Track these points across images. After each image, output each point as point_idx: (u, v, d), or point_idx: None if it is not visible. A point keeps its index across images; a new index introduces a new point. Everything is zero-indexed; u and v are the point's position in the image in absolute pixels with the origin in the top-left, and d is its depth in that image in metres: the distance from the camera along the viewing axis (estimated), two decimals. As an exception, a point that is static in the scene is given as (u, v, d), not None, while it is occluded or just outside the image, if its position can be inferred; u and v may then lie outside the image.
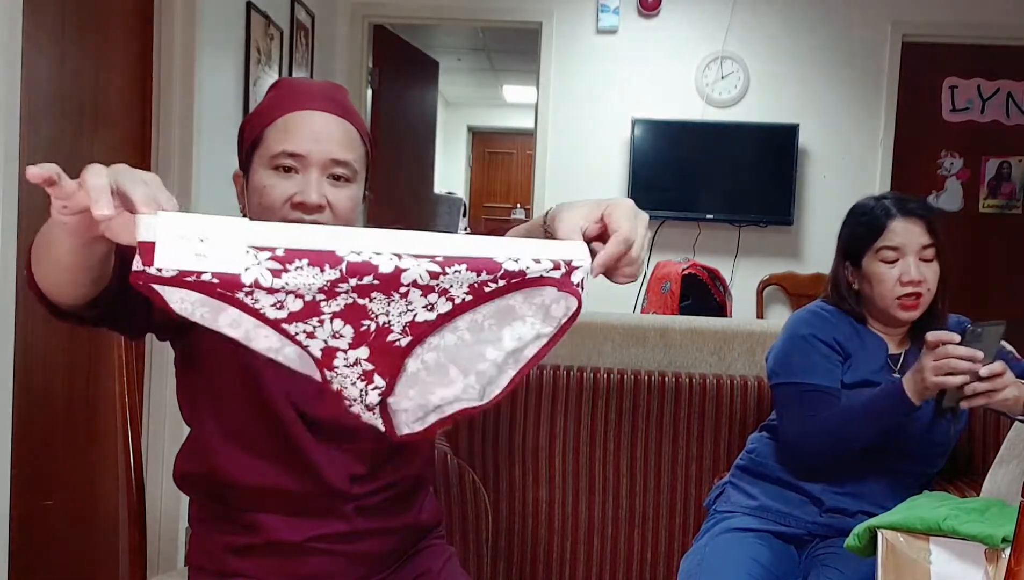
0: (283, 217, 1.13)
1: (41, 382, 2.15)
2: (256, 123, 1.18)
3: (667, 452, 2.00)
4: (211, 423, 1.20)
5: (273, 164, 1.15)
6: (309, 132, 1.15)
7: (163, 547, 2.65)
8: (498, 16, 4.64)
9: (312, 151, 1.14)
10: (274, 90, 1.22)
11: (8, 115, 1.86)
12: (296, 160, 1.14)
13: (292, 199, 1.13)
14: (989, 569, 1.16)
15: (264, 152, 1.16)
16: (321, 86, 1.23)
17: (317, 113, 1.16)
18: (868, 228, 1.65)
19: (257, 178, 1.16)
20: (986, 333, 1.45)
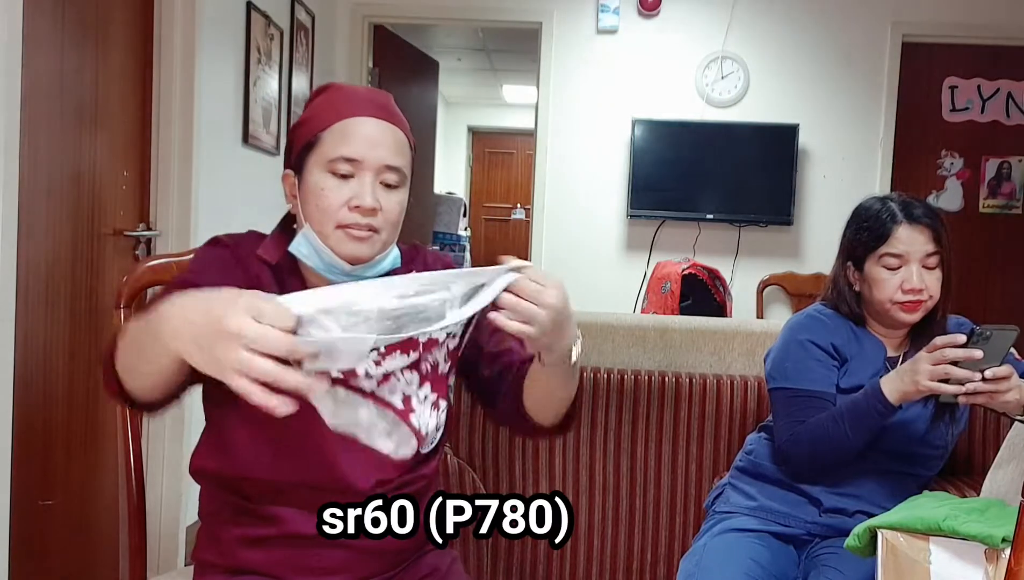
0: (339, 220, 1.19)
1: (41, 382, 2.15)
2: (312, 126, 1.22)
3: (667, 452, 2.00)
4: (235, 419, 1.20)
5: (330, 168, 1.19)
6: (365, 138, 1.20)
7: (163, 547, 2.65)
8: (498, 16, 4.64)
9: (367, 156, 1.19)
10: (325, 94, 1.25)
11: (8, 115, 1.86)
12: (352, 165, 1.19)
13: (349, 202, 1.19)
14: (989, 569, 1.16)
15: (321, 155, 1.20)
16: (372, 93, 1.28)
17: (372, 120, 1.21)
18: (872, 233, 1.64)
19: (313, 180, 1.20)
20: (995, 337, 1.42)
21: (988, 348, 1.42)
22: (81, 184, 2.29)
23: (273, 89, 3.46)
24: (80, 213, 2.29)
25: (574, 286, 1.51)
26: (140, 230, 2.57)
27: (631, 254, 4.56)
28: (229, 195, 3.04)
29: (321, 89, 1.28)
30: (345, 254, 1.20)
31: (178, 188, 2.66)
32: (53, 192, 2.16)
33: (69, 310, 2.25)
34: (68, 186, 2.23)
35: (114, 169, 2.45)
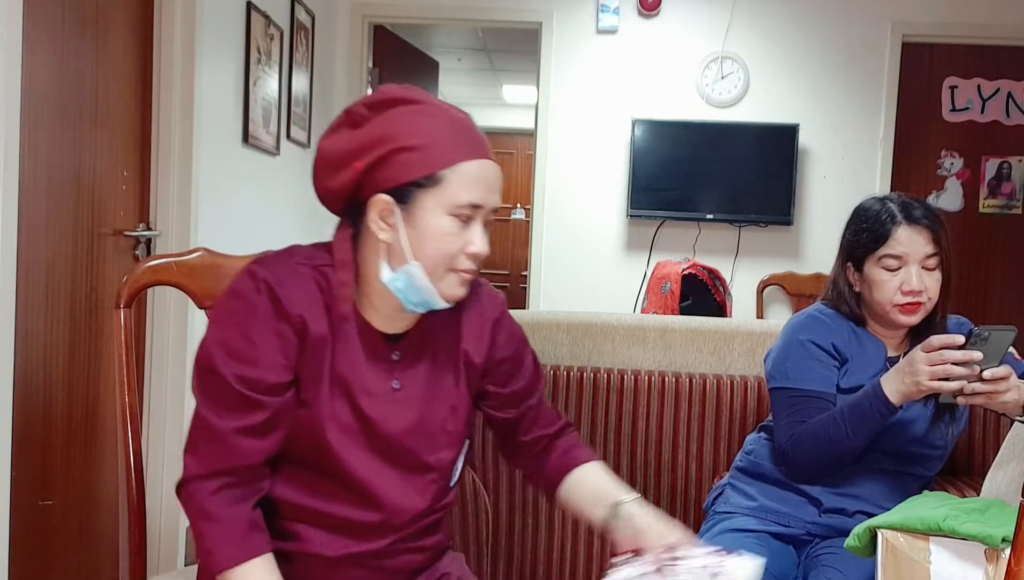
0: (457, 265, 1.17)
1: (41, 382, 2.15)
2: (425, 160, 1.14)
3: (667, 452, 2.00)
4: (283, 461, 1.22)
5: (455, 210, 1.15)
6: (489, 184, 1.18)
7: (163, 547, 2.65)
8: (498, 16, 4.63)
9: (486, 202, 1.18)
10: (425, 118, 1.16)
11: (8, 115, 1.86)
12: (475, 210, 1.17)
13: (465, 249, 1.17)
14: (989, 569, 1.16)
15: (444, 197, 1.14)
16: (472, 122, 1.22)
17: (490, 163, 1.19)
18: (872, 234, 1.63)
19: (433, 221, 1.15)
20: (993, 337, 1.42)
21: (987, 349, 1.42)
22: (81, 184, 2.29)
23: (273, 89, 3.46)
24: (80, 213, 2.29)
25: (574, 286, 1.52)
26: (140, 230, 2.57)
27: (631, 254, 4.56)
28: (229, 195, 3.04)
29: (402, 101, 1.17)
30: (452, 297, 1.19)
31: (178, 188, 2.66)
32: (53, 192, 2.16)
33: (69, 310, 2.25)
34: (68, 186, 2.23)
35: (114, 169, 2.45)
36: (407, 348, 1.24)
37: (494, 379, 1.34)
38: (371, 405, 1.20)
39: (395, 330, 1.24)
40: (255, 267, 1.17)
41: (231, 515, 1.13)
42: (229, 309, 1.17)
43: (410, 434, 1.23)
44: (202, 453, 1.14)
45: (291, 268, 1.18)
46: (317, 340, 1.17)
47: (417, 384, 1.25)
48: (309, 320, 1.16)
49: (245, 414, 1.13)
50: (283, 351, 1.15)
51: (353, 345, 1.20)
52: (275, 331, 1.14)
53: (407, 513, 1.23)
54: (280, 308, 1.14)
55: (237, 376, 1.12)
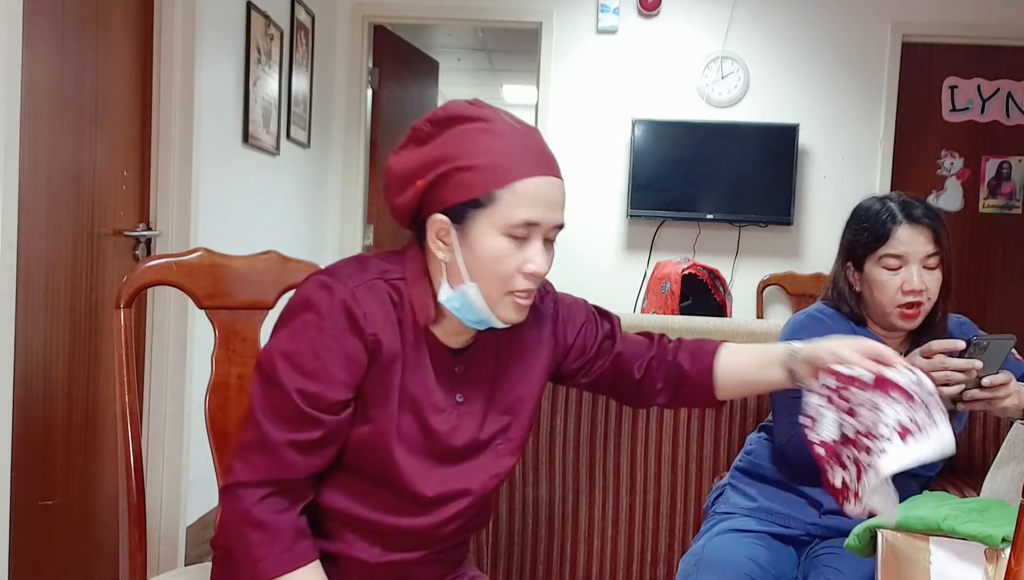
0: (513, 286, 1.15)
1: (41, 382, 2.15)
2: (482, 180, 1.12)
3: (667, 452, 2.00)
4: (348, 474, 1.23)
5: (509, 229, 1.13)
6: (545, 202, 1.15)
7: (163, 547, 2.65)
8: (498, 16, 4.63)
9: (544, 220, 1.15)
10: (487, 136, 1.14)
11: (8, 115, 1.86)
12: (531, 228, 1.14)
13: (522, 269, 1.15)
14: (989, 569, 1.16)
15: (497, 217, 1.12)
16: (536, 137, 1.19)
17: (549, 179, 1.16)
18: (872, 234, 1.63)
19: (491, 243, 1.13)
20: (992, 346, 1.42)
21: (986, 357, 1.42)
22: (81, 184, 2.29)
23: (273, 89, 3.46)
24: (80, 213, 2.29)
25: (574, 286, 1.51)
26: (140, 230, 2.57)
27: (631, 254, 4.56)
28: (229, 195, 3.04)
29: (467, 119, 1.16)
30: (508, 320, 1.18)
31: (178, 188, 2.66)
32: (53, 192, 2.16)
33: (69, 310, 2.25)
34: (68, 186, 2.23)
35: (114, 169, 2.45)
36: (469, 361, 1.25)
37: (575, 357, 1.35)
38: (437, 420, 1.21)
39: (460, 345, 1.24)
40: (330, 280, 1.15)
41: (279, 523, 1.13)
42: (301, 321, 1.15)
43: (474, 445, 1.24)
44: (252, 461, 1.14)
45: (367, 283, 1.17)
46: (388, 357, 1.16)
47: (480, 396, 1.25)
48: (383, 338, 1.15)
49: (301, 430, 1.12)
50: (349, 370, 1.14)
51: (423, 361, 1.20)
52: (344, 349, 1.13)
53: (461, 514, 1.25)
54: (356, 326, 1.13)
55: (299, 391, 1.12)
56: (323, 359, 1.12)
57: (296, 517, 1.15)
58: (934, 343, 1.46)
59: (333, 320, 1.13)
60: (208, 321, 1.44)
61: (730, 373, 1.34)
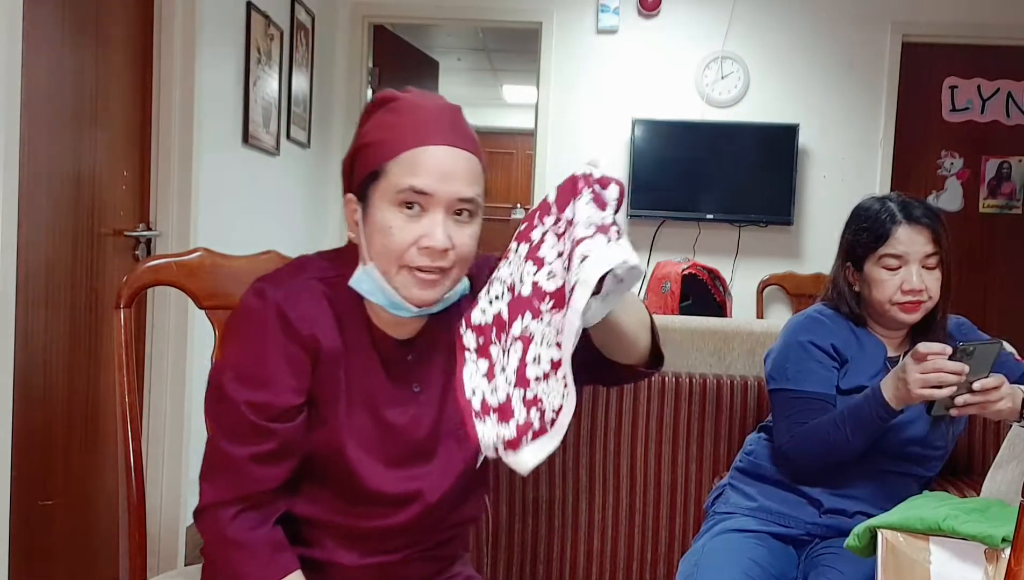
0: (407, 260, 1.11)
1: (41, 382, 2.15)
2: (374, 155, 1.12)
3: (667, 452, 2.00)
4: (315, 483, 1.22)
5: (398, 200, 1.10)
6: (436, 170, 1.10)
7: (163, 547, 2.65)
8: (498, 16, 4.63)
9: (438, 190, 1.10)
10: (390, 111, 1.14)
11: (8, 115, 1.86)
12: (422, 198, 1.10)
13: (419, 242, 1.11)
14: (989, 569, 1.16)
15: (387, 187, 1.11)
16: (442, 112, 1.15)
17: (443, 148, 1.11)
18: (872, 234, 1.63)
19: (380, 215, 1.11)
20: (978, 352, 1.42)
21: (973, 363, 1.42)
22: (81, 184, 2.29)
23: (273, 89, 3.46)
24: (80, 213, 2.29)
25: (574, 286, 1.51)
26: (140, 230, 2.57)
27: (631, 254, 4.55)
28: (229, 195, 3.04)
29: (381, 102, 1.16)
30: (413, 299, 1.13)
31: (178, 188, 2.66)
32: (53, 192, 2.16)
33: (69, 310, 2.25)
34: (68, 186, 2.23)
35: (114, 169, 2.45)
36: (421, 348, 1.22)
37: None
38: (395, 414, 1.19)
39: (406, 335, 1.21)
40: (263, 285, 1.15)
41: (254, 539, 1.12)
42: (239, 332, 1.15)
43: (435, 435, 1.22)
44: (217, 481, 1.14)
45: (301, 284, 1.16)
46: (331, 357, 1.15)
47: (436, 382, 1.23)
48: (321, 337, 1.14)
49: (257, 442, 1.12)
50: (294, 374, 1.13)
51: (368, 355, 1.18)
52: (285, 353, 1.12)
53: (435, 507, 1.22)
54: (291, 328, 1.12)
55: (248, 403, 1.11)
56: (266, 367, 1.12)
57: (271, 530, 1.14)
58: (920, 346, 1.46)
59: (269, 326, 1.12)
60: (208, 321, 1.44)
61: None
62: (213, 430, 1.15)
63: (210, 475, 1.15)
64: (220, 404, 1.14)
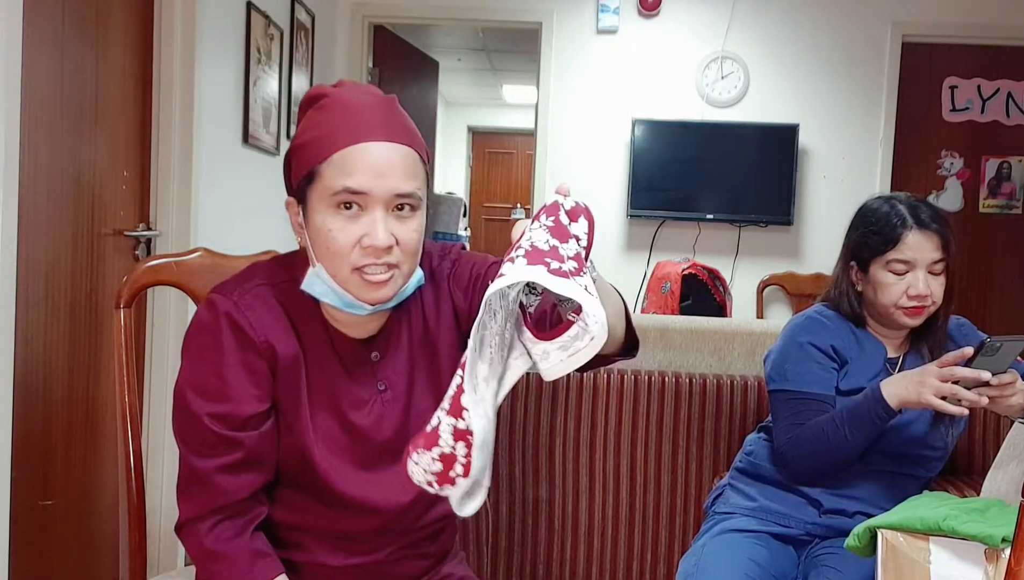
0: (353, 262, 1.09)
1: (41, 382, 2.15)
2: (307, 156, 1.10)
3: (667, 452, 2.00)
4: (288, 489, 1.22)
5: (334, 202, 1.08)
6: (370, 168, 1.07)
7: (163, 547, 2.65)
8: (498, 16, 4.63)
9: (374, 188, 1.07)
10: (318, 110, 1.12)
11: (8, 115, 1.86)
12: (358, 197, 1.07)
13: (361, 242, 1.08)
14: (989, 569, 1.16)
15: (322, 190, 1.08)
16: (373, 105, 1.12)
17: (376, 144, 1.08)
18: (881, 237, 1.62)
19: (320, 219, 1.09)
20: (1005, 347, 1.42)
21: (996, 358, 1.42)
22: (81, 184, 2.29)
23: (273, 89, 3.46)
24: (80, 213, 2.29)
25: (574, 286, 1.51)
26: (140, 230, 2.57)
27: (631, 254, 4.56)
28: (229, 195, 3.04)
29: (312, 100, 1.14)
30: (367, 299, 1.11)
31: (178, 188, 2.66)
32: (53, 192, 2.16)
33: (69, 310, 2.25)
34: (68, 186, 2.23)
35: (114, 169, 2.45)
36: (384, 345, 1.20)
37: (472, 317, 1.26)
38: (360, 415, 1.18)
39: (367, 334, 1.19)
40: (214, 296, 1.14)
41: (234, 549, 1.12)
42: (195, 345, 1.15)
43: (404, 433, 1.19)
44: (191, 496, 1.14)
45: (251, 291, 1.15)
46: (289, 362, 1.14)
47: (402, 379, 1.21)
48: (276, 343, 1.13)
49: (224, 453, 1.12)
50: (254, 382, 1.12)
51: (328, 357, 1.17)
52: (242, 362, 1.12)
53: (410, 510, 1.22)
54: (244, 337, 1.12)
55: (210, 415, 1.11)
56: (224, 377, 1.12)
57: (250, 539, 1.14)
58: (949, 355, 1.46)
59: (223, 336, 1.12)
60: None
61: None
62: (181, 445, 1.15)
63: (184, 491, 1.15)
64: (185, 418, 1.14)
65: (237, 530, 1.14)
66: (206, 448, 1.12)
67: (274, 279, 1.17)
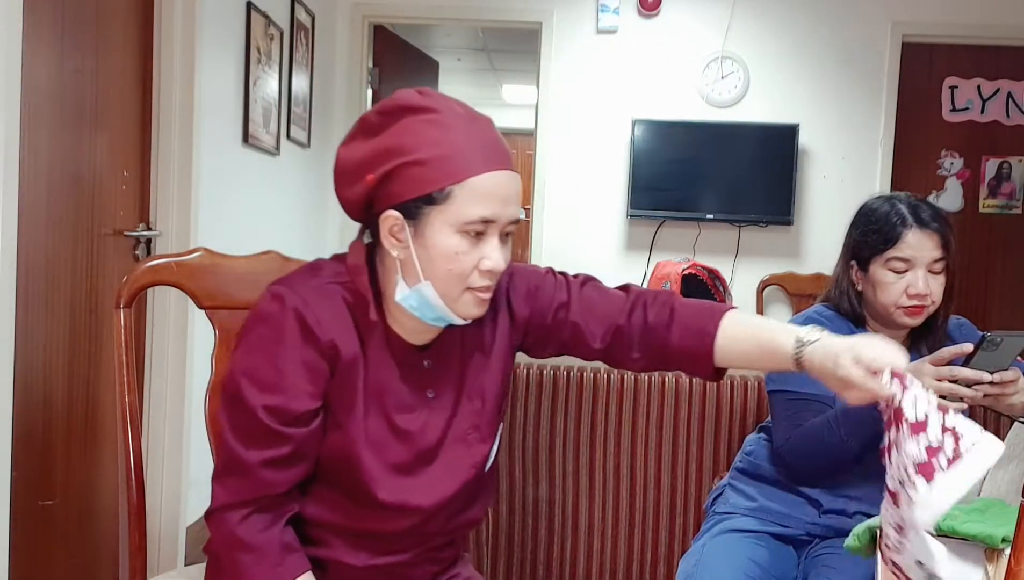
0: (471, 283, 1.12)
1: (41, 382, 2.15)
2: (434, 175, 1.08)
3: (667, 452, 2.00)
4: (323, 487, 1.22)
5: (465, 228, 1.10)
6: (501, 197, 1.11)
7: (163, 547, 2.65)
8: (498, 16, 4.63)
9: (500, 216, 1.11)
10: (436, 128, 1.10)
11: (8, 115, 1.86)
12: (487, 225, 1.11)
13: (480, 265, 1.11)
14: (989, 569, 1.16)
15: (452, 213, 1.09)
16: (490, 129, 1.14)
17: (504, 173, 1.12)
18: (881, 236, 1.62)
19: (443, 241, 1.10)
20: (1006, 343, 1.41)
21: (997, 354, 1.41)
22: (81, 184, 2.29)
23: (273, 89, 3.46)
24: (80, 213, 2.29)
25: (574, 286, 1.51)
26: (140, 230, 2.57)
27: (631, 254, 4.56)
28: (229, 195, 3.04)
29: (410, 109, 1.11)
30: (467, 316, 1.15)
31: (178, 188, 2.66)
32: (53, 192, 2.16)
33: (69, 310, 2.25)
34: (68, 186, 2.23)
35: (114, 169, 2.45)
36: (437, 354, 1.22)
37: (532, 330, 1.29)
38: (407, 420, 1.19)
39: (423, 341, 1.22)
40: (282, 289, 1.14)
41: (264, 541, 1.13)
42: (256, 335, 1.14)
43: (445, 440, 1.22)
44: (229, 483, 1.14)
45: (319, 288, 1.15)
46: (349, 362, 1.15)
47: (450, 389, 1.23)
48: (340, 343, 1.14)
49: (272, 446, 1.12)
50: (311, 379, 1.13)
51: (385, 360, 1.18)
52: (303, 359, 1.12)
53: (437, 516, 1.23)
54: (310, 334, 1.12)
55: (264, 407, 1.11)
56: (283, 371, 1.11)
57: (281, 532, 1.15)
58: (945, 351, 1.45)
59: (287, 330, 1.11)
60: (208, 321, 1.44)
61: (728, 355, 1.24)
62: (227, 433, 1.14)
63: (223, 477, 1.15)
64: (235, 408, 1.13)
65: (269, 522, 1.14)
66: (255, 439, 1.12)
67: (341, 278, 1.17)
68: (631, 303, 1.27)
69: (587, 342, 1.27)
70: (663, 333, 1.25)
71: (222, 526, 1.13)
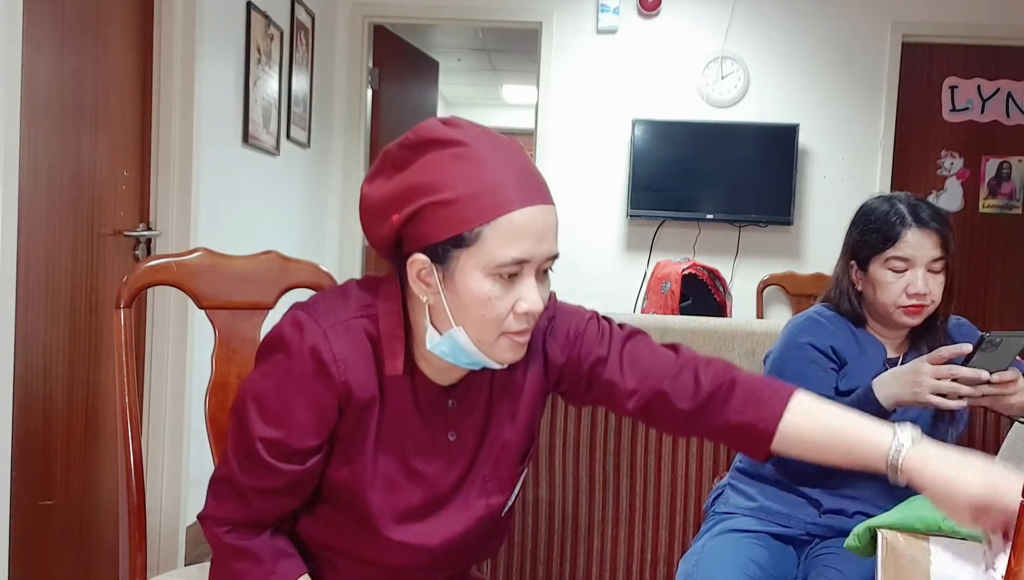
0: (507, 327, 1.04)
1: (41, 382, 2.15)
2: (462, 216, 0.99)
3: (667, 452, 2.00)
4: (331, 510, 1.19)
5: (497, 270, 1.01)
6: (534, 234, 1.02)
7: (163, 547, 2.65)
8: (498, 16, 4.63)
9: (535, 254, 1.02)
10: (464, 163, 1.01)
11: (8, 115, 1.86)
12: (521, 265, 1.02)
13: (515, 308, 1.04)
14: (989, 569, 1.16)
15: (483, 255, 1.00)
16: (522, 159, 1.05)
17: (540, 208, 1.03)
18: (880, 235, 1.63)
19: (475, 285, 1.01)
20: (1005, 343, 1.41)
21: (996, 354, 1.41)
22: (81, 184, 2.29)
23: (273, 89, 3.46)
24: (80, 213, 2.29)
25: (574, 286, 1.51)
26: (140, 230, 2.57)
27: (631, 254, 4.56)
28: (229, 195, 3.04)
29: (436, 143, 1.02)
30: (504, 361, 1.08)
31: (178, 188, 2.66)
32: (53, 192, 2.16)
33: (69, 310, 2.25)
34: (68, 186, 2.23)
35: (114, 169, 2.45)
36: (463, 395, 1.16)
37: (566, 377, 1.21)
38: (424, 462, 1.14)
39: (451, 381, 1.15)
40: (304, 317, 1.08)
41: (256, 546, 1.12)
42: (272, 361, 1.09)
43: (461, 486, 1.17)
44: (222, 498, 1.13)
45: (343, 323, 1.08)
46: (363, 403, 1.09)
47: (473, 433, 1.17)
48: (355, 385, 1.08)
49: (265, 478, 1.10)
50: (317, 416, 1.08)
51: (405, 400, 1.13)
52: (312, 395, 1.07)
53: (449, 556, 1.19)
54: (324, 372, 1.06)
55: (262, 439, 1.07)
56: (289, 404, 1.07)
57: (270, 538, 1.13)
58: (944, 350, 1.45)
59: (301, 364, 1.06)
60: (208, 321, 1.44)
61: (791, 439, 1.16)
62: (230, 448, 1.13)
63: (217, 488, 1.14)
64: (240, 429, 1.11)
65: (257, 532, 1.14)
66: (251, 466, 1.10)
67: (370, 310, 1.10)
68: (679, 366, 1.18)
69: (622, 403, 1.18)
70: (719, 405, 1.16)
71: (211, 532, 1.13)
